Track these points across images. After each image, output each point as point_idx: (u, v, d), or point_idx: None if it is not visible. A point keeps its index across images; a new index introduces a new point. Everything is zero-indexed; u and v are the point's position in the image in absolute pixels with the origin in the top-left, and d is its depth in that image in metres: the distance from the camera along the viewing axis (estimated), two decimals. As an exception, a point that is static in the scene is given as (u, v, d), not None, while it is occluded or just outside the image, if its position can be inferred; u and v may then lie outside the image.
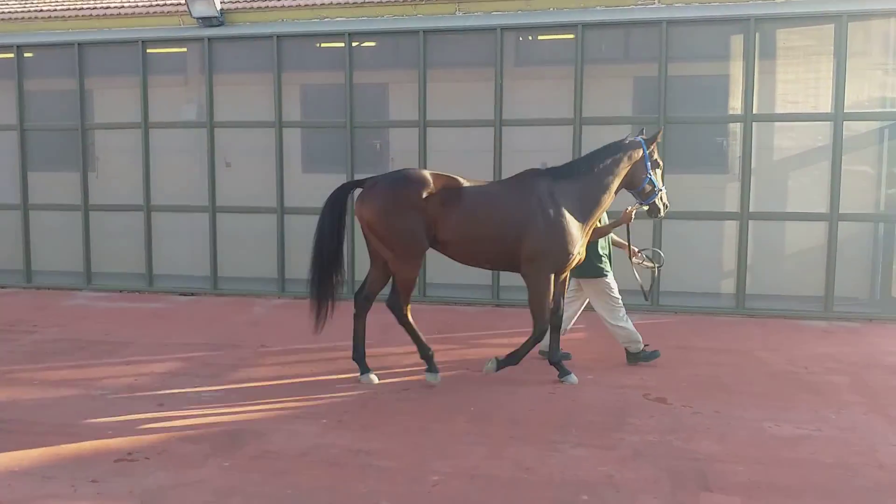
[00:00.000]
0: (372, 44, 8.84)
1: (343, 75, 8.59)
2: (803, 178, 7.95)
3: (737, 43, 7.93)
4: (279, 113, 8.80)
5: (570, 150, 8.04)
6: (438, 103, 8.45)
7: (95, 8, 9.48)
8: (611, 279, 5.86)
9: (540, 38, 8.57)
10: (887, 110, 7.81)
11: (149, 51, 9.12)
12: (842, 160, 7.62)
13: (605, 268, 5.82)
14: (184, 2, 8.91)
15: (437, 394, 5.23)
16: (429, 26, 8.38)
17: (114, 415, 4.75)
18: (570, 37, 8.14)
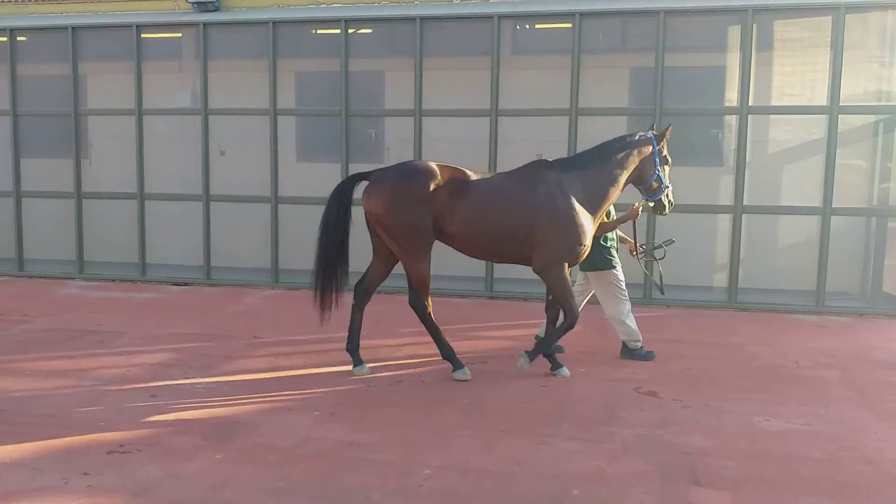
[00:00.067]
0: (368, 31, 8.76)
1: (339, 62, 8.53)
2: (797, 171, 7.95)
3: (734, 34, 7.90)
4: (274, 100, 8.74)
5: (566, 141, 8.02)
6: (434, 92, 8.41)
7: (89, -9, 9.40)
8: (619, 271, 5.85)
9: (537, 27, 8.52)
10: (883, 104, 7.80)
11: (143, 35, 9.03)
12: (836, 154, 7.62)
13: (613, 259, 5.82)
14: (178, -14, 8.85)
15: (429, 387, 5.24)
16: (426, 13, 8.33)
17: (106, 406, 4.75)
18: (567, 26, 8.09)
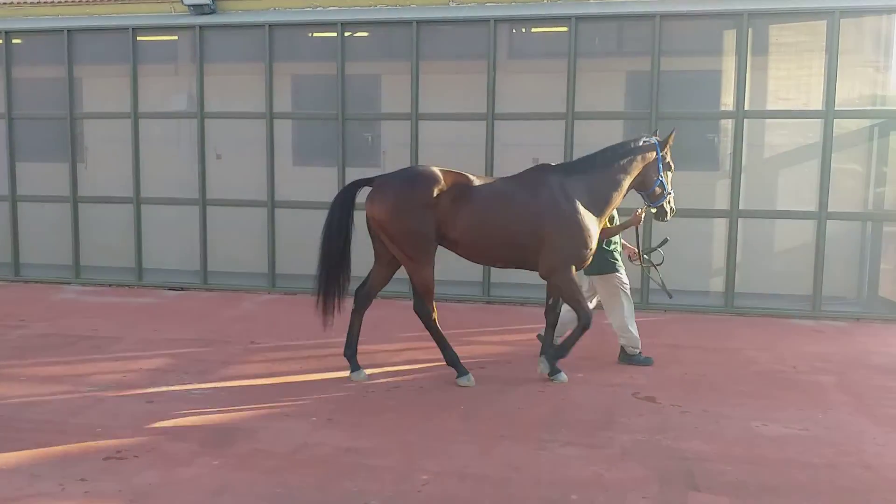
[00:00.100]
0: (365, 34, 8.76)
1: (335, 66, 8.53)
2: (793, 175, 7.97)
3: (729, 38, 7.92)
4: (270, 104, 8.73)
5: (562, 145, 8.03)
6: (431, 95, 8.41)
7: (85, -6, 9.37)
8: (623, 274, 5.86)
9: (533, 31, 8.53)
10: (878, 108, 7.83)
11: (139, 38, 9.02)
12: (831, 158, 7.65)
13: (617, 263, 5.83)
14: (175, -11, 8.84)
15: (426, 392, 5.23)
16: (422, 17, 8.33)
17: (102, 412, 4.72)
18: (563, 30, 8.11)
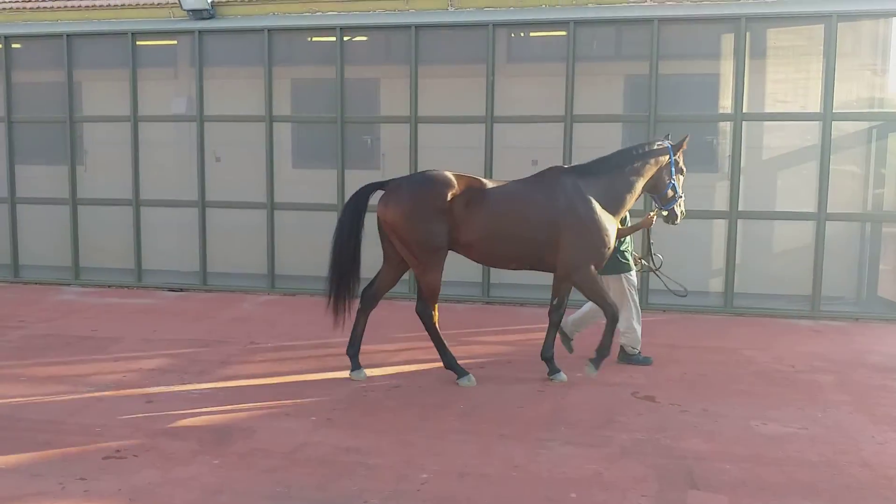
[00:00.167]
0: (363, 38, 8.80)
1: (334, 70, 8.56)
2: (792, 177, 8.00)
3: (727, 42, 7.96)
4: (269, 107, 8.75)
5: (561, 148, 8.05)
6: (430, 99, 8.43)
7: (84, -1, 9.41)
8: (633, 274, 5.89)
9: (532, 35, 8.56)
10: (875, 111, 7.88)
11: (138, 43, 9.05)
12: (830, 160, 7.67)
13: (629, 262, 5.85)
14: (174, -6, 8.87)
15: (426, 391, 5.24)
16: (421, 21, 8.36)
17: (102, 412, 4.73)
18: (562, 34, 8.14)
